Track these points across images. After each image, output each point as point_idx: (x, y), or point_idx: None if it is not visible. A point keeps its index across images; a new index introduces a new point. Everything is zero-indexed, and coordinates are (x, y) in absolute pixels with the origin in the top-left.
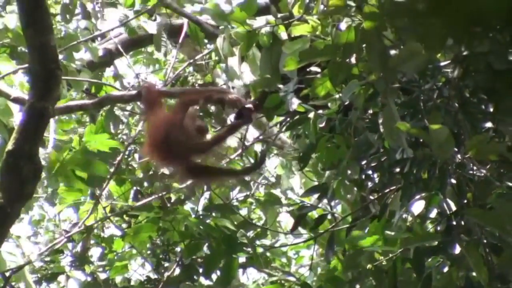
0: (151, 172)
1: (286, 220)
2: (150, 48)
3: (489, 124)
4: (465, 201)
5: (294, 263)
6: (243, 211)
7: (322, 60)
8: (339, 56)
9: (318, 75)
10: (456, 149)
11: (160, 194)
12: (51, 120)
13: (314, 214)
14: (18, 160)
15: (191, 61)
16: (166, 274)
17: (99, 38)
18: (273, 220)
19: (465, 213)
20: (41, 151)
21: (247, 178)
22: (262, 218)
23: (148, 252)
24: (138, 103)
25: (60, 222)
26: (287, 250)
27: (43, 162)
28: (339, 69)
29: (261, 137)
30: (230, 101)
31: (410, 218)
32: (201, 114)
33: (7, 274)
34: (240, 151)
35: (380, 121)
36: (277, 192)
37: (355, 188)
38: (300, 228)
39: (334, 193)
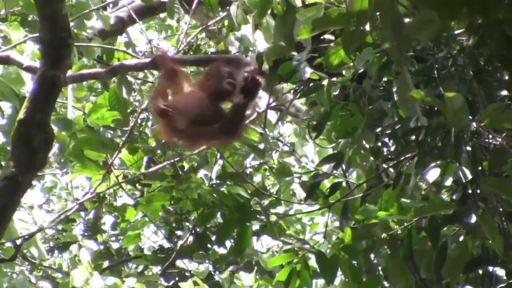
0: (164, 141)
1: (299, 187)
2: (162, 14)
3: (504, 92)
4: (481, 169)
5: (308, 230)
6: (257, 178)
7: (336, 28)
8: (353, 24)
9: (332, 44)
10: (471, 118)
11: (173, 161)
12: (69, 90)
13: (326, 184)
14: (29, 129)
15: (204, 26)
16: (179, 243)
17: (110, 6)
18: (285, 188)
19: (480, 182)
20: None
21: (261, 146)
22: (277, 184)
23: (161, 220)
24: (152, 70)
25: (73, 189)
26: (302, 217)
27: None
28: (353, 37)
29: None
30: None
31: (425, 187)
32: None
33: (18, 242)
34: (253, 117)
35: (394, 89)
36: (290, 160)
37: (371, 157)
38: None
39: (349, 162)
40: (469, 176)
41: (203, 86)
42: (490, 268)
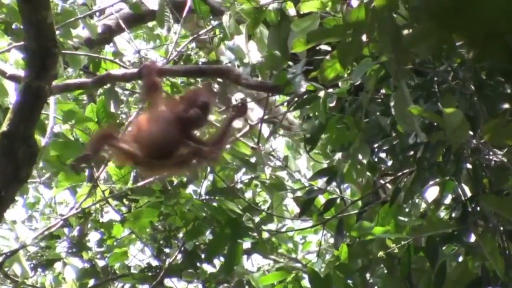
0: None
1: (292, 203)
2: (150, 23)
3: (506, 106)
4: (481, 187)
5: (300, 249)
6: (248, 193)
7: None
8: (350, 36)
9: (328, 56)
10: (471, 133)
11: (161, 177)
12: (51, 99)
13: (321, 200)
14: (13, 142)
15: (195, 36)
16: (167, 261)
17: (97, 14)
18: (278, 203)
19: (480, 200)
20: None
21: (253, 160)
22: (268, 200)
23: (149, 237)
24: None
25: (56, 205)
26: (294, 234)
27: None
28: (349, 50)
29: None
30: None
31: (423, 205)
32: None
33: (0, 259)
34: (245, 131)
35: (392, 104)
36: (283, 174)
37: (368, 173)
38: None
39: (344, 176)
40: (469, 194)
41: (174, 108)
42: None
